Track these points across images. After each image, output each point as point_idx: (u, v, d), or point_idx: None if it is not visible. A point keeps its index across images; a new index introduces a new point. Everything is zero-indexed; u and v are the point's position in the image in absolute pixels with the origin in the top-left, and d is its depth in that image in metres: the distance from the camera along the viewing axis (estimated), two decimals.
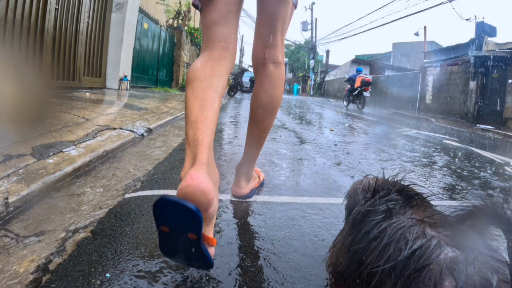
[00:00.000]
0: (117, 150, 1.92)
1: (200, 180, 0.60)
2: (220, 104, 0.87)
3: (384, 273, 0.46)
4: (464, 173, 2.18)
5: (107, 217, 1.05)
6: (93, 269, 0.75)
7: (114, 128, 2.25)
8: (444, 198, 1.57)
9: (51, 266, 0.79)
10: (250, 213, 1.18)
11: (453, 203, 1.50)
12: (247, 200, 1.28)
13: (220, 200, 1.27)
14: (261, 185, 1.44)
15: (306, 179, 1.68)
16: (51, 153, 1.55)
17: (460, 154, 3.11)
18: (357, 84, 9.19)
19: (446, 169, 2.25)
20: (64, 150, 1.61)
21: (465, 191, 1.70)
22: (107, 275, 0.73)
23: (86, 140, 1.85)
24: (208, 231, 0.68)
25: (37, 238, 0.95)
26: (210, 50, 0.92)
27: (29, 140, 1.69)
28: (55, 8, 4.34)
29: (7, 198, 1.13)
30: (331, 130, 3.96)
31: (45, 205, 1.17)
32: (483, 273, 0.40)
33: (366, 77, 9.35)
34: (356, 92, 9.30)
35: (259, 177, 1.43)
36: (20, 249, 0.90)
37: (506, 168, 2.65)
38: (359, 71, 9.89)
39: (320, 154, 2.35)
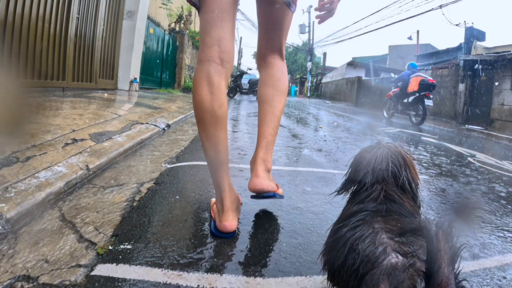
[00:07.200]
0: (149, 139, 2.43)
1: (230, 227, 1.00)
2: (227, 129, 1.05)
3: (348, 276, 0.54)
4: (422, 157, 2.71)
5: (161, 176, 1.56)
6: (166, 196, 1.27)
7: (142, 123, 2.76)
8: None
9: (136, 198, 1.30)
10: None
11: None
12: None
13: (241, 170, 1.80)
14: (279, 196, 1.25)
15: (293, 157, 2.24)
16: (104, 139, 2.06)
17: (430, 147, 3.62)
18: (413, 87, 6.40)
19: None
20: (113, 137, 2.12)
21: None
22: (177, 197, 1.24)
23: (125, 131, 2.35)
24: None
25: (117, 187, 1.46)
26: (206, 60, 0.98)
27: (84, 129, 2.20)
28: (76, 17, 4.85)
29: (87, 165, 1.64)
30: (320, 127, 4.49)
31: (113, 171, 1.67)
32: (412, 280, 0.44)
33: (427, 77, 6.46)
34: (411, 98, 6.47)
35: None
36: (108, 192, 1.40)
37: (469, 158, 3.13)
38: (412, 68, 7.00)
39: (306, 144, 2.90)
